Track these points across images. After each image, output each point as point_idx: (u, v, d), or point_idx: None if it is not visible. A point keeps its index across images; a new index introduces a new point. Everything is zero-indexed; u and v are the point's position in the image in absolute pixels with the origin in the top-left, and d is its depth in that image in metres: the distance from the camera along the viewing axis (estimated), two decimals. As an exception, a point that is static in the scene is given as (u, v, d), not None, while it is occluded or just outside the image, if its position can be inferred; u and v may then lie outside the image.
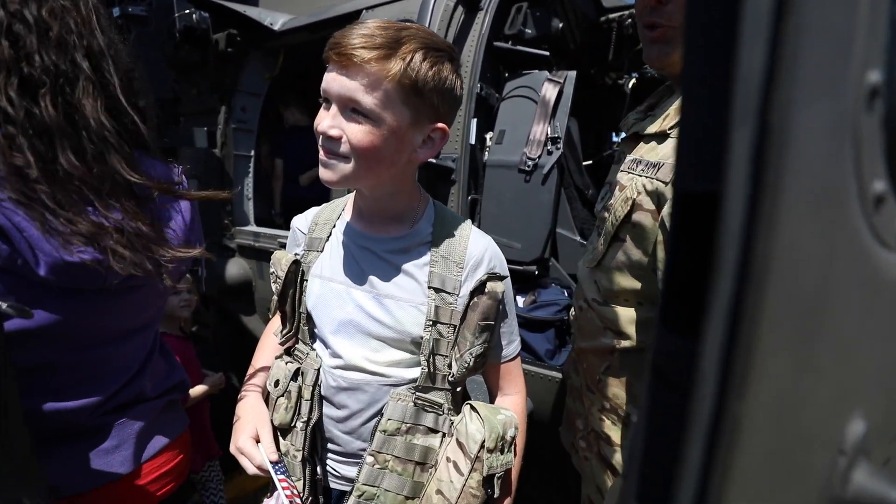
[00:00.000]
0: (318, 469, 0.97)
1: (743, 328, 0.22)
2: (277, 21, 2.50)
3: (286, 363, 0.97)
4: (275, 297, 0.97)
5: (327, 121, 0.79)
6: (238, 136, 2.77)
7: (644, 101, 1.20)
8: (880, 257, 0.32)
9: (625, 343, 1.04)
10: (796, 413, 0.27)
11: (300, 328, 0.98)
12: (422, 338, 0.89)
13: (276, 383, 0.95)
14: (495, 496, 0.89)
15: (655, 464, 0.31)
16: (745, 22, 0.21)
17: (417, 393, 0.89)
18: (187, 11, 2.32)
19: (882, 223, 0.32)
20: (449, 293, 0.89)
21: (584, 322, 1.15)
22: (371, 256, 0.92)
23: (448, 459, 0.87)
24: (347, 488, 0.94)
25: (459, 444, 0.87)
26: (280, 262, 0.96)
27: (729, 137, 0.21)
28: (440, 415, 0.90)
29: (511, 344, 1.00)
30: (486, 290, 0.87)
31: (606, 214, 1.08)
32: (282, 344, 1.01)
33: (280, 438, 0.96)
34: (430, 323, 0.88)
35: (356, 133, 0.78)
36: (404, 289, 0.90)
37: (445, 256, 0.90)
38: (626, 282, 1.03)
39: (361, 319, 0.90)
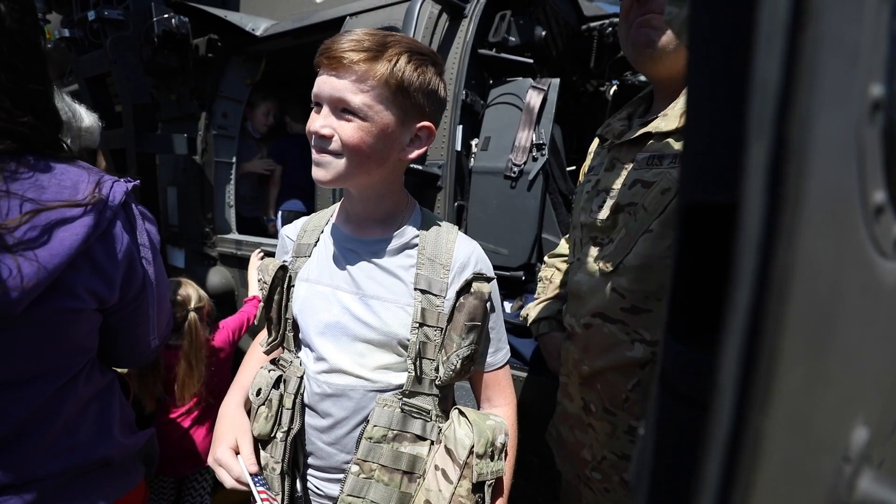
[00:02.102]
0: (299, 485, 0.94)
1: (764, 340, 0.22)
2: (259, 26, 2.47)
3: (269, 371, 0.95)
4: (261, 304, 0.96)
5: (319, 121, 0.82)
6: (219, 143, 2.72)
7: (622, 110, 1.20)
8: (880, 266, 0.33)
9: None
10: (808, 423, 0.27)
11: (286, 336, 0.97)
12: (408, 340, 0.88)
13: (258, 392, 0.93)
14: None
15: (666, 477, 0.31)
16: (761, 32, 0.21)
17: (404, 399, 0.88)
18: (166, 16, 2.27)
19: (881, 233, 0.32)
20: (435, 295, 0.88)
21: (599, 339, 1.05)
22: (357, 258, 0.92)
23: (436, 468, 0.85)
24: None
25: (448, 451, 0.85)
26: (267, 268, 0.95)
27: (746, 150, 0.21)
28: (428, 421, 0.89)
29: (499, 352, 0.99)
30: (472, 290, 0.87)
31: (629, 215, 1.00)
32: (267, 353, 0.99)
33: (260, 450, 0.93)
34: (417, 325, 0.87)
35: (347, 130, 0.81)
36: (390, 290, 0.90)
37: (432, 259, 0.91)
38: (657, 276, 0.94)
39: (347, 322, 0.89)
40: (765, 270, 0.21)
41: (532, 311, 1.44)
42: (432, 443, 0.88)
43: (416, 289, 0.89)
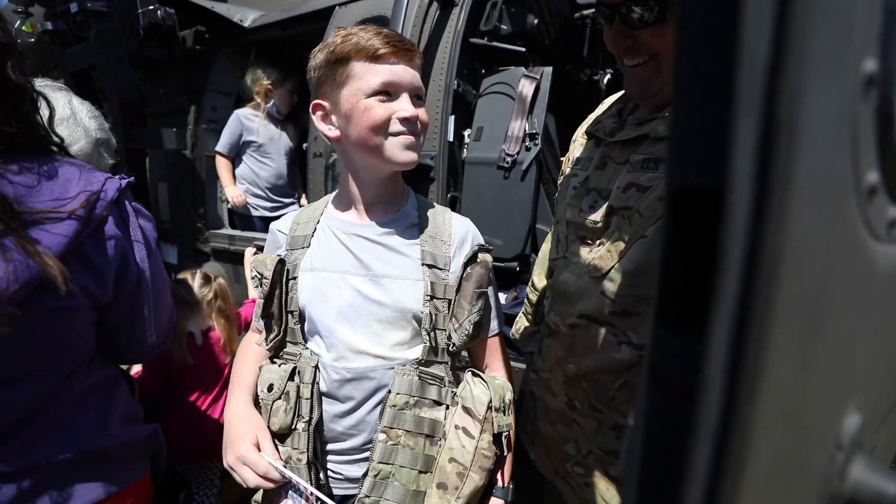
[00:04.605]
0: (322, 474, 0.96)
1: (752, 330, 0.21)
2: (247, 17, 2.43)
3: (279, 365, 0.96)
4: (260, 301, 0.96)
5: (409, 107, 0.91)
6: (209, 137, 2.69)
7: (612, 105, 1.17)
8: (872, 249, 0.32)
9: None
10: (799, 412, 0.26)
11: (289, 329, 0.98)
12: (421, 313, 0.93)
13: (270, 387, 0.93)
14: (504, 454, 0.95)
15: (656, 467, 0.30)
16: (749, 3, 0.19)
17: (420, 367, 0.94)
18: (151, 7, 2.23)
19: (874, 215, 0.31)
20: (441, 269, 0.95)
21: (585, 339, 1.02)
22: (363, 242, 0.97)
23: (457, 427, 0.91)
24: (353, 491, 0.94)
25: (466, 409, 0.91)
26: (265, 263, 0.96)
27: (733, 129, 0.20)
28: (442, 387, 0.95)
29: (493, 321, 1.05)
30: (479, 260, 0.95)
31: (622, 219, 0.97)
32: (271, 350, 1.00)
33: (278, 445, 0.93)
34: (428, 298, 0.93)
35: (424, 114, 0.94)
36: (399, 267, 0.95)
37: (433, 235, 0.98)
38: (649, 282, 0.92)
39: (361, 303, 0.93)
40: (753, 257, 0.20)
41: (523, 336, 1.44)
42: (447, 407, 0.94)
43: (423, 263, 0.95)
